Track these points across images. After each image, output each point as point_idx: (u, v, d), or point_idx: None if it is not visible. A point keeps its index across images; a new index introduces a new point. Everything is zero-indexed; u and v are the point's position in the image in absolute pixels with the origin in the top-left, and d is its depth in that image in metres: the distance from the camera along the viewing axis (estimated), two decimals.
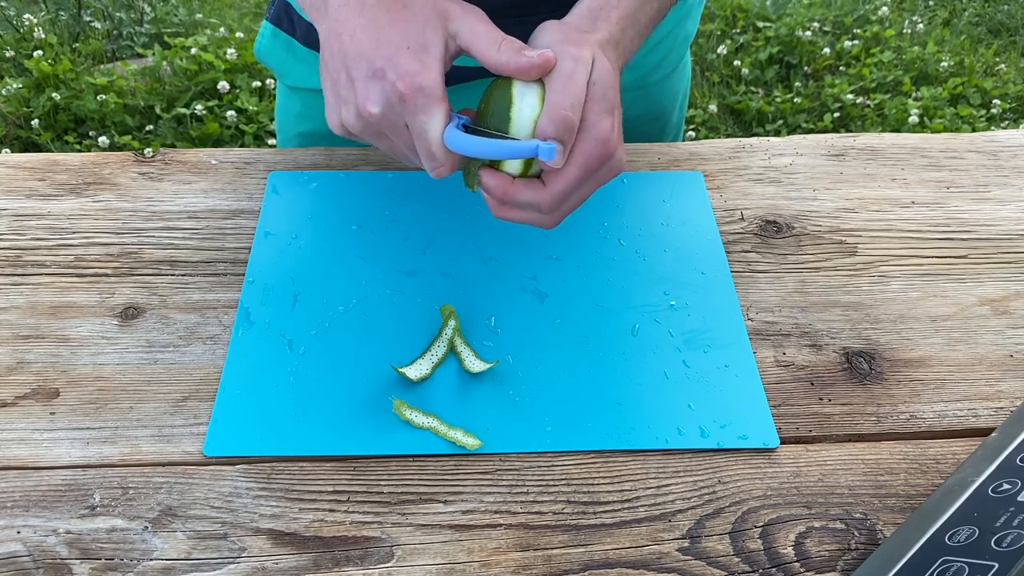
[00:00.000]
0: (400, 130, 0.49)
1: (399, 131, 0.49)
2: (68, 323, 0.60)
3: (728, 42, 2.53)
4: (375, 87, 0.48)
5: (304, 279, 0.63)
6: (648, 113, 0.83)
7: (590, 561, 0.48)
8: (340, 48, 0.49)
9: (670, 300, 0.62)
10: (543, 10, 0.56)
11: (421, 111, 0.47)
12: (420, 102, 0.47)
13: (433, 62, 0.48)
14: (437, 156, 0.49)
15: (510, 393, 0.56)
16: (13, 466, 0.52)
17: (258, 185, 0.71)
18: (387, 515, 0.50)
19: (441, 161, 0.49)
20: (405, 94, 0.47)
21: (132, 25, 2.47)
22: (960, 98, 2.36)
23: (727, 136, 2.25)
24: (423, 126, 0.48)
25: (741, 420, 0.55)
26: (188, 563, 0.47)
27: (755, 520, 0.50)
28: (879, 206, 0.71)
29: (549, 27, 0.50)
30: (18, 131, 2.10)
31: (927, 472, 0.53)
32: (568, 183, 0.49)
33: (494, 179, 0.50)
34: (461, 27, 0.49)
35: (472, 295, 0.62)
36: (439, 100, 0.48)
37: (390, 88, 0.47)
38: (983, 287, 0.64)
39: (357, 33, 0.49)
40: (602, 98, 0.48)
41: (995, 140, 0.79)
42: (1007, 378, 0.58)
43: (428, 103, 0.47)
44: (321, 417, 0.54)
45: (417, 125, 0.48)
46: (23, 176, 0.72)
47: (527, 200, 0.49)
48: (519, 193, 0.49)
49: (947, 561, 0.44)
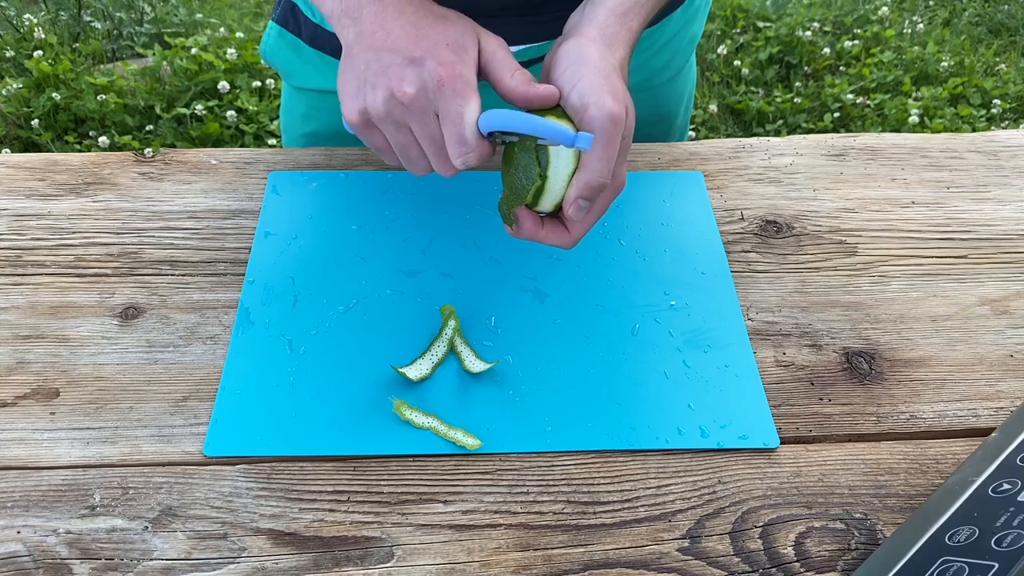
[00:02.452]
0: (427, 116, 0.50)
1: (426, 117, 0.50)
2: (68, 323, 0.60)
3: (728, 42, 2.53)
4: (412, 71, 0.49)
5: (304, 279, 0.63)
6: (653, 115, 0.83)
7: (590, 561, 0.48)
8: (372, 44, 0.50)
9: (670, 300, 0.62)
10: (548, 10, 0.56)
11: (459, 96, 0.48)
12: (459, 87, 0.48)
13: (470, 60, 0.50)
14: (469, 141, 0.49)
15: (510, 393, 0.56)
16: (13, 466, 0.52)
17: (258, 185, 0.71)
18: (387, 515, 0.50)
19: (472, 147, 0.49)
20: (443, 79, 0.48)
21: (132, 25, 2.47)
22: (960, 98, 2.36)
23: (727, 136, 2.25)
24: (459, 110, 0.48)
25: (741, 420, 0.55)
26: (188, 563, 0.47)
27: (755, 520, 0.50)
28: (879, 206, 0.71)
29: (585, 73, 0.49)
30: (18, 131, 2.10)
31: (927, 472, 0.53)
32: (588, 227, 0.52)
33: (528, 221, 0.51)
34: (486, 46, 0.51)
35: (472, 295, 0.62)
36: (475, 89, 0.49)
37: (428, 73, 0.48)
38: (983, 287, 0.64)
39: (395, 31, 0.50)
40: (627, 148, 0.50)
41: (995, 140, 0.79)
42: (1007, 378, 0.58)
43: (465, 89, 0.48)
44: (321, 417, 0.54)
45: (453, 110, 0.48)
46: (23, 176, 0.72)
47: (552, 244, 0.52)
48: (546, 238, 0.52)
49: (947, 561, 0.44)
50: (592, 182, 0.48)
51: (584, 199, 0.48)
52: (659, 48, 0.78)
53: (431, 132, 0.50)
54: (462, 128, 0.49)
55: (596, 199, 0.50)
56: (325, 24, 0.73)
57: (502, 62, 0.51)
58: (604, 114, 0.47)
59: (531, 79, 0.50)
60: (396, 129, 0.51)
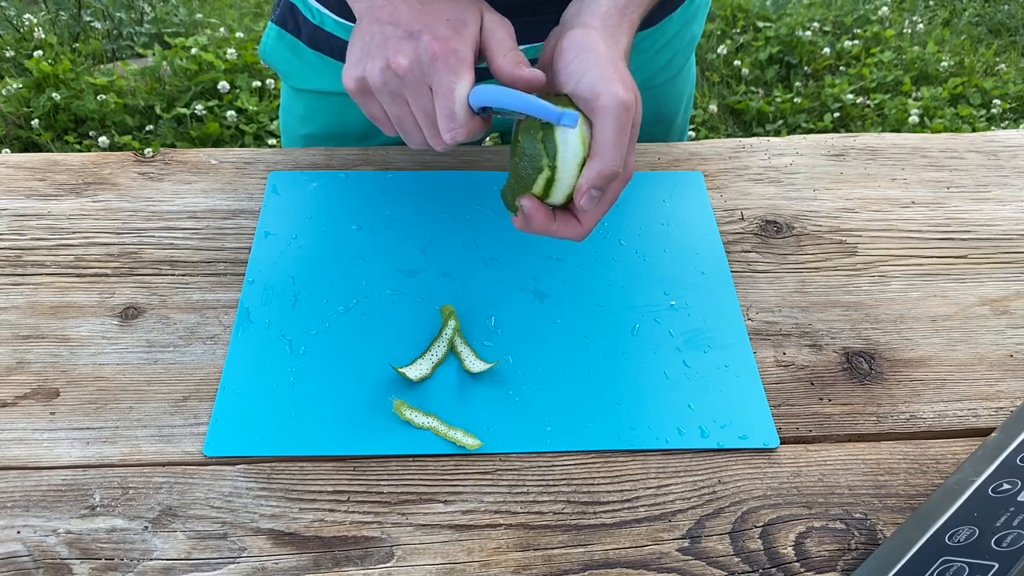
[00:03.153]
0: (421, 90, 0.50)
1: (420, 91, 0.50)
2: (68, 323, 0.60)
3: (728, 42, 2.53)
4: (408, 44, 0.50)
5: (304, 279, 0.63)
6: (654, 115, 0.83)
7: (590, 561, 0.48)
8: (379, 18, 0.52)
9: (670, 300, 0.62)
10: (549, 10, 0.56)
11: (452, 71, 0.49)
12: (452, 62, 0.49)
13: (468, 36, 0.51)
14: (458, 116, 0.50)
15: (510, 393, 0.56)
16: (13, 466, 0.52)
17: (258, 185, 0.71)
18: (387, 515, 0.50)
19: (461, 122, 0.50)
20: (437, 53, 0.49)
21: (132, 25, 2.47)
22: (960, 98, 2.36)
23: (727, 136, 2.25)
24: (450, 85, 0.49)
25: (741, 420, 0.55)
26: (188, 563, 0.47)
27: (755, 520, 0.50)
28: (879, 206, 0.71)
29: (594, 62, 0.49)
30: (18, 131, 2.10)
31: (927, 472, 0.53)
32: (598, 218, 0.52)
33: (539, 214, 0.51)
34: (488, 23, 0.52)
35: (472, 295, 0.62)
36: (469, 66, 0.50)
37: (423, 47, 0.49)
38: (983, 287, 0.64)
39: (400, 6, 0.51)
40: (635, 137, 0.50)
41: (995, 140, 0.79)
42: (1007, 378, 0.58)
43: (459, 65, 0.49)
44: (321, 417, 0.54)
45: (444, 84, 0.49)
46: (23, 176, 0.72)
47: (564, 236, 0.52)
48: (559, 231, 0.52)
49: (947, 561, 0.44)
50: (604, 170, 0.48)
51: (596, 188, 0.48)
52: (659, 48, 0.78)
53: (424, 105, 0.51)
54: (452, 103, 0.49)
55: (607, 188, 0.50)
56: (324, 25, 0.73)
57: (499, 42, 0.52)
58: (616, 102, 0.47)
59: (522, 61, 0.51)
60: (392, 100, 0.52)
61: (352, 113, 0.76)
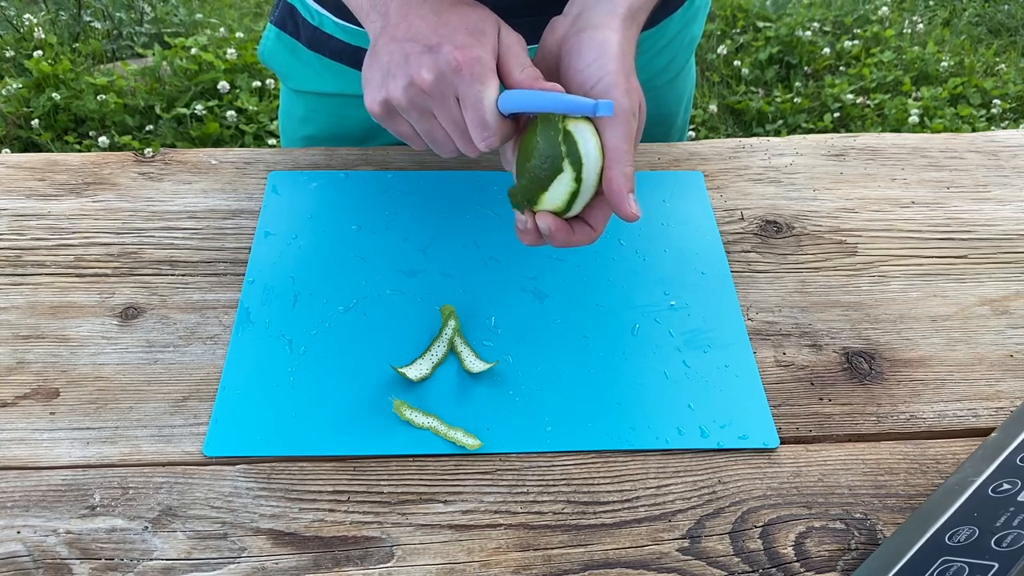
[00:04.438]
0: (448, 102, 0.50)
1: (447, 103, 0.50)
2: (68, 323, 0.60)
3: (728, 42, 2.53)
4: (429, 58, 0.49)
5: (304, 279, 0.63)
6: (654, 115, 0.82)
7: (590, 561, 0.48)
8: (395, 36, 0.51)
9: (670, 300, 0.62)
10: (550, 11, 0.56)
11: (477, 79, 0.48)
12: (476, 70, 0.48)
13: (488, 44, 0.50)
14: (490, 123, 0.49)
15: (510, 393, 0.56)
16: (13, 466, 0.52)
17: (258, 185, 0.71)
18: (387, 515, 0.50)
19: (493, 129, 0.50)
20: (461, 63, 0.48)
21: (132, 25, 2.47)
22: (960, 98, 2.36)
23: (727, 136, 2.25)
24: (478, 94, 0.49)
25: (741, 420, 0.55)
26: (188, 563, 0.47)
27: (755, 520, 0.50)
28: (879, 206, 0.71)
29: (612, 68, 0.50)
30: (18, 131, 2.10)
31: (927, 472, 0.53)
32: (608, 218, 0.51)
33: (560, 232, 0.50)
34: (504, 38, 0.52)
35: (472, 295, 0.62)
36: (493, 71, 0.49)
37: (444, 59, 0.48)
38: (983, 287, 0.64)
39: (416, 22, 0.51)
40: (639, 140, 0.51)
41: (995, 140, 0.79)
42: (1007, 378, 0.58)
43: (483, 72, 0.48)
44: (321, 417, 0.54)
45: (472, 94, 0.49)
46: (23, 176, 0.72)
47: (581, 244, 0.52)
48: (578, 241, 0.51)
49: (947, 561, 0.44)
50: (628, 172, 0.48)
51: (631, 191, 0.48)
52: (660, 49, 0.78)
53: (453, 116, 0.50)
54: (482, 111, 0.49)
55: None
56: (324, 27, 0.73)
57: (515, 57, 0.51)
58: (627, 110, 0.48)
59: (538, 75, 0.50)
60: (420, 116, 0.51)
61: (352, 115, 0.76)
